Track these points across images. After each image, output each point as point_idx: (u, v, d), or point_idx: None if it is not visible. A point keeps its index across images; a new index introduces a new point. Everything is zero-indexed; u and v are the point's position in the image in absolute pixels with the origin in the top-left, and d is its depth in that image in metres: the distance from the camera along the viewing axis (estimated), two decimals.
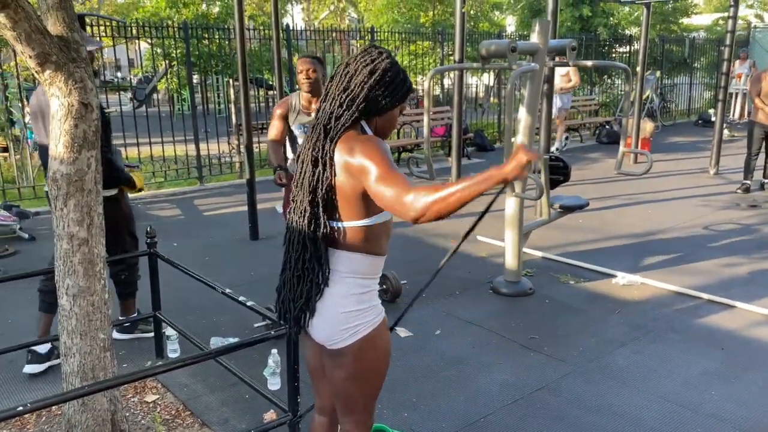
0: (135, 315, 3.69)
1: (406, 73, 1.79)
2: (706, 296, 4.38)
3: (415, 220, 1.55)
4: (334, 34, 11.29)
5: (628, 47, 15.17)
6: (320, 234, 1.74)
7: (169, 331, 3.49)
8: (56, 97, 2.21)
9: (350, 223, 1.73)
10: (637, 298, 4.40)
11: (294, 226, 1.81)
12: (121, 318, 3.62)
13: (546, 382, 3.29)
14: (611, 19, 14.53)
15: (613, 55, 15.02)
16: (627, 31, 15.73)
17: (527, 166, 1.54)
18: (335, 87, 1.75)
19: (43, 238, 5.96)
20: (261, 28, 10.27)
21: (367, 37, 11.32)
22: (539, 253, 5.39)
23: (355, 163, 1.65)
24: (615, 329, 3.92)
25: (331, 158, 1.70)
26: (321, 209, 1.73)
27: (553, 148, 10.16)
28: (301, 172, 1.79)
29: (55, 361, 3.32)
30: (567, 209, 4.78)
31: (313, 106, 3.72)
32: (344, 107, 1.72)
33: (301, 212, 1.77)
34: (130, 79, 9.27)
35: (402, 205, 1.55)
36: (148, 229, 3.36)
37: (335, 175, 1.70)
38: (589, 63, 4.74)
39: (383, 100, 1.74)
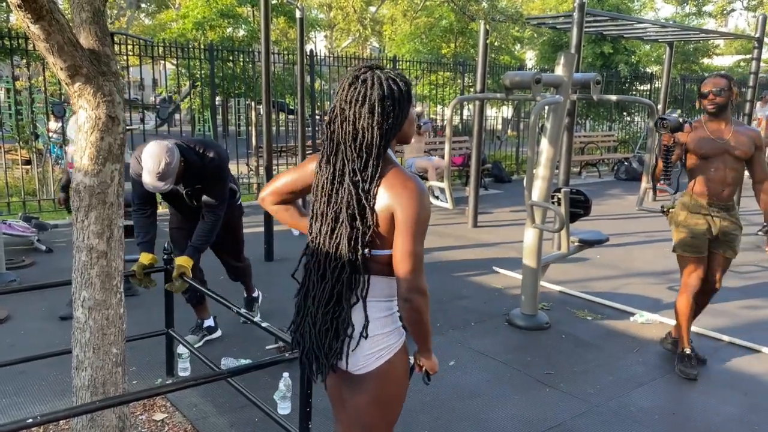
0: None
1: (398, 78, 1.68)
2: (727, 338, 4.27)
3: (403, 296, 1.69)
4: (355, 62, 11.41)
5: (648, 85, 15.19)
6: (353, 281, 1.71)
7: (180, 349, 3.46)
8: (84, 110, 2.22)
9: (377, 252, 1.71)
10: (655, 337, 4.31)
11: (322, 277, 1.75)
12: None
13: (561, 419, 3.20)
14: (632, 56, 14.58)
15: (634, 92, 15.03)
16: (648, 69, 15.76)
17: (426, 374, 1.95)
18: (342, 135, 1.67)
19: (60, 250, 6.00)
20: (285, 53, 10.41)
21: (388, 66, 11.41)
22: (556, 287, 5.31)
23: (398, 211, 1.65)
24: (633, 368, 3.82)
25: (372, 208, 1.67)
26: (360, 264, 1.69)
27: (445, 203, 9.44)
28: (325, 224, 1.73)
29: (209, 336, 4.03)
30: (586, 244, 4.71)
31: None
32: (365, 156, 1.66)
33: (331, 263, 1.71)
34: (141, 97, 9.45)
35: (414, 284, 1.67)
36: (165, 246, 3.35)
37: (378, 225, 1.68)
38: (614, 98, 4.72)
39: (395, 124, 1.68)
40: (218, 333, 4.10)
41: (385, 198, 1.66)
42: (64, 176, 4.91)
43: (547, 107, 4.33)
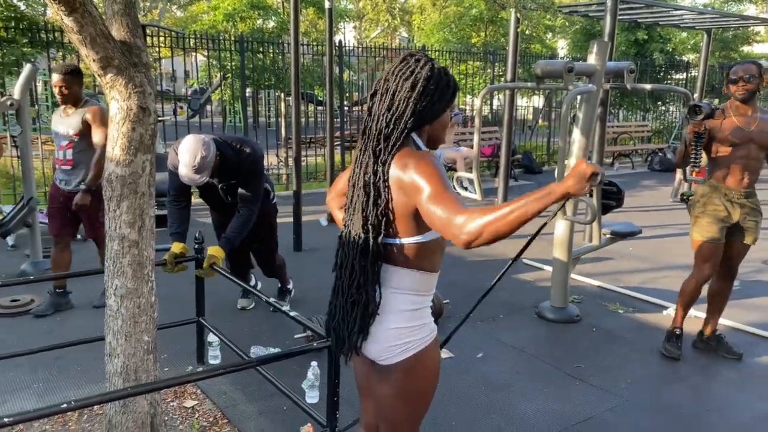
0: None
1: (449, 73, 1.71)
2: (765, 333, 4.16)
3: (468, 244, 1.47)
4: (384, 52, 11.37)
5: (684, 74, 14.82)
6: (372, 261, 1.69)
7: (210, 337, 3.51)
8: (116, 101, 2.25)
9: (404, 240, 1.69)
10: (689, 331, 4.21)
11: (347, 252, 1.77)
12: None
13: (591, 413, 3.16)
14: (668, 44, 14.23)
15: (669, 81, 14.69)
16: (684, 57, 15.37)
17: (591, 179, 1.46)
18: (378, 105, 1.69)
19: None
20: (314, 44, 10.42)
21: None
22: (587, 280, 5.24)
23: (407, 180, 1.60)
24: (666, 363, 3.75)
25: (386, 181, 1.65)
26: (373, 237, 1.68)
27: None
28: (352, 197, 1.75)
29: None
30: (619, 236, 4.63)
31: (69, 111, 4.11)
32: (392, 126, 1.66)
33: (354, 239, 1.73)
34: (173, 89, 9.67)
35: (454, 227, 1.48)
36: (197, 236, 3.40)
37: (391, 199, 1.66)
38: (648, 86, 4.61)
39: (430, 109, 1.68)
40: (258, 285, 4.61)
41: (394, 171, 1.64)
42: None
43: (579, 97, 4.25)
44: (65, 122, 4.09)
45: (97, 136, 3.98)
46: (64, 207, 4.14)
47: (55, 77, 4.00)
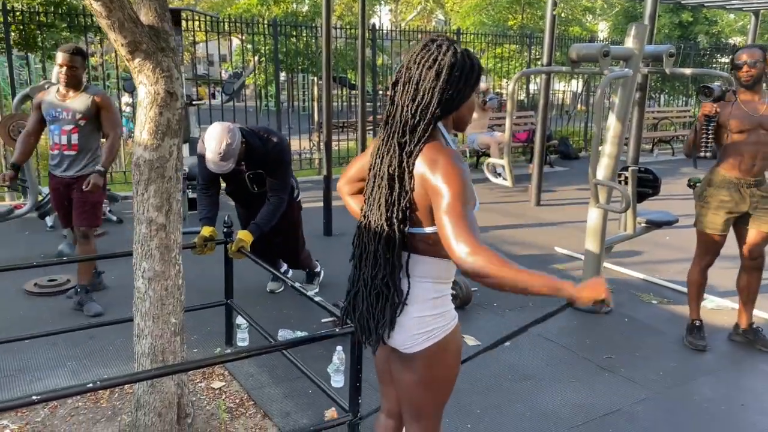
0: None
1: (472, 55, 1.66)
2: None
3: (466, 273, 1.51)
4: (419, 36, 11.25)
5: (730, 57, 14.31)
6: (398, 251, 1.68)
7: (239, 320, 3.55)
8: (143, 85, 2.26)
9: (425, 229, 1.67)
10: (726, 323, 4.10)
11: (367, 242, 1.75)
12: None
13: (620, 405, 3.10)
14: (714, 26, 13.75)
15: (714, 65, 14.21)
16: (731, 41, 14.83)
17: (600, 302, 1.55)
18: (402, 96, 1.65)
19: (131, 221, 6.22)
20: (347, 27, 10.38)
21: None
22: (621, 269, 5.13)
23: (432, 181, 1.58)
24: (699, 356, 3.66)
25: (411, 173, 1.63)
26: (399, 229, 1.66)
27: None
28: (373, 188, 1.73)
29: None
30: (654, 225, 4.52)
31: (70, 94, 3.88)
32: (418, 117, 1.62)
33: (375, 229, 1.71)
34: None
35: (466, 254, 1.49)
36: (226, 219, 3.43)
37: (413, 190, 1.64)
38: (688, 71, 4.47)
39: (457, 97, 1.64)
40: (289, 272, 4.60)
41: (421, 165, 1.62)
42: (16, 153, 4.06)
43: (615, 81, 4.13)
44: (68, 105, 3.85)
45: (109, 122, 3.91)
46: (65, 197, 4.00)
47: (63, 56, 3.76)
